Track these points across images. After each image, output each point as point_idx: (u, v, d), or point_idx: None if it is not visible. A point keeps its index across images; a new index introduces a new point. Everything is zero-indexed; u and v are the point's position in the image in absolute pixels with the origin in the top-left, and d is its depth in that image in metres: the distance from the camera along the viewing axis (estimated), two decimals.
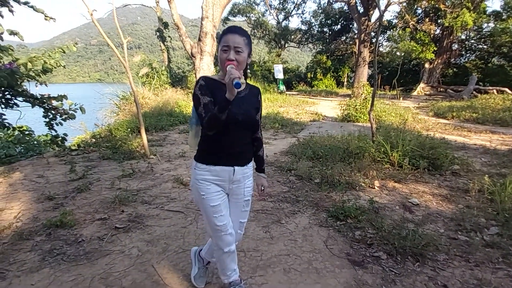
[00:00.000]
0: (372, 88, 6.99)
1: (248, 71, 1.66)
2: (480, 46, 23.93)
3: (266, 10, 31.35)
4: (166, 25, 19.21)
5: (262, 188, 2.05)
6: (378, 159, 4.91)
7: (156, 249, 2.70)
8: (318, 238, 2.89)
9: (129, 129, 7.71)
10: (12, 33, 4.00)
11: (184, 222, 3.19)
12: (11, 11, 4.33)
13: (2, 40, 4.05)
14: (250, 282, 2.27)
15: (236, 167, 1.82)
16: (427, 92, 21.34)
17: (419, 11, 22.95)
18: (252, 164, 1.96)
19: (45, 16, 4.44)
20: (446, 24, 17.76)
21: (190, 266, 2.36)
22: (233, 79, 1.46)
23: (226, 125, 1.66)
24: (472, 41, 24.26)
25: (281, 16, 31.46)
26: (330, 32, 30.55)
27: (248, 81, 1.91)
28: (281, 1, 30.14)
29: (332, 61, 29.21)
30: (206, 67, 12.22)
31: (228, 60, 1.63)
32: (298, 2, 29.60)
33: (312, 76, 28.98)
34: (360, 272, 2.38)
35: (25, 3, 4.27)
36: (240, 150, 1.83)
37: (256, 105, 1.87)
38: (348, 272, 2.38)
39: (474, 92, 16.71)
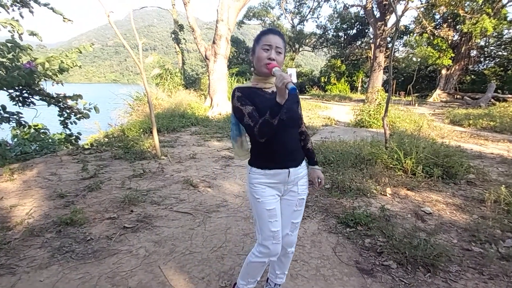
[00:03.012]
0: (387, 94, 6.89)
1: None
2: (500, 53, 23.39)
3: (281, 14, 31.44)
4: (181, 27, 19.42)
5: (319, 180, 1.98)
6: (391, 166, 4.82)
7: (163, 250, 2.70)
8: (326, 245, 2.84)
9: (141, 130, 7.81)
10: (32, 33, 4.10)
11: (192, 224, 3.19)
12: (31, 12, 4.45)
13: (22, 40, 4.16)
14: (257, 286, 2.24)
15: (291, 169, 1.77)
16: (443, 99, 20.96)
17: (437, 16, 22.61)
18: (305, 164, 1.91)
19: (64, 18, 4.54)
20: (465, 30, 17.41)
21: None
22: (287, 83, 1.42)
23: None
24: (492, 47, 23.75)
25: (296, 20, 31.46)
26: (345, 37, 30.42)
27: None
28: (297, 5, 30.13)
29: (347, 66, 29.03)
30: (219, 70, 12.28)
31: (269, 59, 1.62)
32: (313, 7, 29.53)
33: (325, 80, 28.84)
34: (369, 281, 2.32)
35: (45, 5, 4.37)
36: (291, 149, 1.79)
37: (296, 99, 1.83)
38: (357, 281, 2.33)
39: (492, 100, 16.29)
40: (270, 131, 1.55)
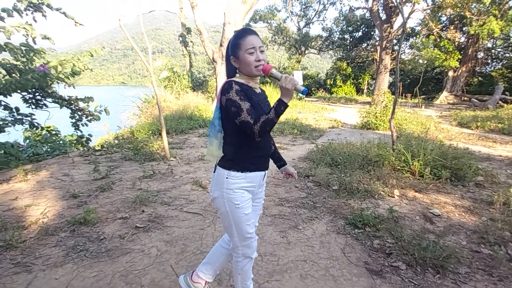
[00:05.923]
0: (393, 96, 6.89)
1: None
2: (507, 55, 23.20)
3: (287, 17, 31.45)
4: (189, 30, 19.56)
5: (295, 173, 2.09)
6: (398, 167, 4.83)
7: (174, 250, 2.75)
8: (335, 245, 2.87)
9: (150, 132, 7.90)
10: (45, 37, 4.19)
11: (202, 224, 3.24)
12: (44, 16, 4.55)
13: (35, 43, 4.25)
14: (266, 286, 2.27)
15: (266, 171, 1.84)
16: (450, 101, 20.80)
17: (444, 18, 22.50)
18: None
19: (75, 22, 4.64)
20: (472, 32, 17.28)
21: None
22: (296, 84, 1.47)
23: None
24: (499, 49, 23.55)
25: (302, 23, 31.50)
26: (351, 39, 30.34)
27: (268, 86, 1.92)
28: (302, 8, 30.18)
29: (352, 68, 28.99)
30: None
31: (258, 61, 1.61)
32: (319, 9, 29.56)
33: (331, 82, 28.83)
34: (378, 282, 2.34)
35: (58, 9, 4.47)
36: (269, 152, 1.85)
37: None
38: (366, 281, 2.36)
39: (500, 102, 16.14)
40: (269, 130, 1.56)
